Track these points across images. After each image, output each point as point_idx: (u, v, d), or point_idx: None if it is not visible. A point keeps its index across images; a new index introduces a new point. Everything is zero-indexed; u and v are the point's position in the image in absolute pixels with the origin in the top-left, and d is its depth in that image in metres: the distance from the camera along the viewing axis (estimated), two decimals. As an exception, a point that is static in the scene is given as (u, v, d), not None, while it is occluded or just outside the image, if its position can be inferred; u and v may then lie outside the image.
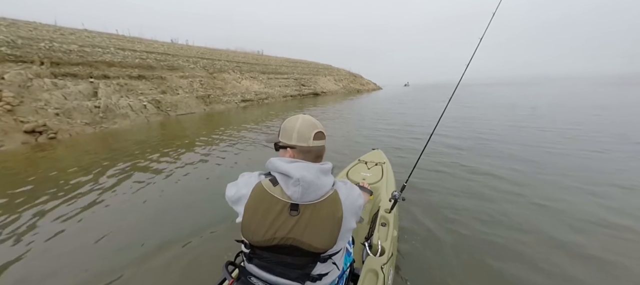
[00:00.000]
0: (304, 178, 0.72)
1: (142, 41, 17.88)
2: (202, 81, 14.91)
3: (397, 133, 6.56)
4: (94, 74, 10.22)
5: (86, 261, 2.07)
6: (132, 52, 14.02)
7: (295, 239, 0.73)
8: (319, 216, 0.73)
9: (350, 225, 0.80)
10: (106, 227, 2.52)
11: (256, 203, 0.75)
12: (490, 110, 10.24)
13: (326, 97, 24.23)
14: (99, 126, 7.60)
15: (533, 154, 4.43)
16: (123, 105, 9.04)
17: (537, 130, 6.17)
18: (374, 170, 2.59)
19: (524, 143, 5.09)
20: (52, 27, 13.20)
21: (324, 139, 0.85)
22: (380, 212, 1.73)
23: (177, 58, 16.31)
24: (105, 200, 3.11)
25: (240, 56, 25.33)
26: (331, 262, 0.81)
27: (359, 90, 37.31)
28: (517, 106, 11.28)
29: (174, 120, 9.90)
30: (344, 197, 0.78)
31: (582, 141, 5.05)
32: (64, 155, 5.24)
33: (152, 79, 12.37)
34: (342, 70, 44.05)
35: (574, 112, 8.78)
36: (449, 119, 7.74)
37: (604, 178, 3.33)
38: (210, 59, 19.32)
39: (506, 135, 5.78)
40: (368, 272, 1.24)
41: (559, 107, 10.64)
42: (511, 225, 2.41)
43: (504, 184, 3.26)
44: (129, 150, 5.31)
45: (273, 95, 19.34)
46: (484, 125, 6.98)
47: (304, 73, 30.35)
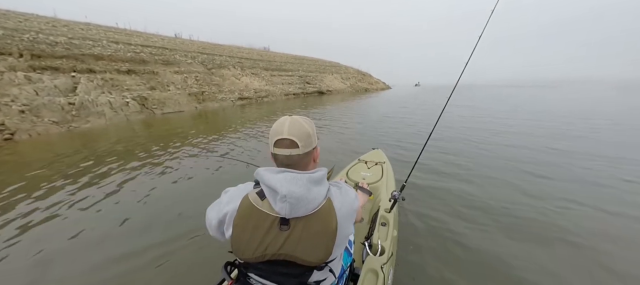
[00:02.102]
0: (292, 194, 0.66)
1: (141, 35, 17.43)
2: (197, 77, 14.22)
3: (402, 142, 5.55)
4: (78, 68, 9.64)
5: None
6: (126, 45, 13.48)
7: (287, 254, 0.69)
8: (312, 230, 0.69)
9: (347, 232, 0.76)
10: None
11: (244, 219, 0.70)
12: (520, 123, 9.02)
13: (331, 96, 23.18)
14: (67, 125, 6.94)
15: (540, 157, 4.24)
16: (102, 102, 8.39)
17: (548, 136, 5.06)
18: (374, 170, 2.56)
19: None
20: (45, 19, 12.81)
21: (296, 148, 0.72)
22: (380, 212, 1.73)
23: (175, 52, 15.71)
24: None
25: (244, 52, 24.64)
26: (328, 269, 0.78)
27: (367, 89, 36.03)
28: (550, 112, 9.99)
29: (159, 120, 9.19)
30: (339, 205, 0.74)
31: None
32: (10, 162, 4.53)
33: (143, 73, 11.75)
34: (351, 68, 42.80)
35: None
36: (476, 131, 6.61)
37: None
38: (211, 54, 18.67)
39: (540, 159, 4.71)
40: (368, 272, 1.24)
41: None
42: (512, 225, 2.42)
43: (507, 186, 3.21)
44: (84, 157, 4.55)
45: (274, 93, 18.50)
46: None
47: (309, 70, 29.39)
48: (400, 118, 9.36)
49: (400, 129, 7.16)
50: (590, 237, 2.23)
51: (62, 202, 2.93)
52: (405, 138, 6.02)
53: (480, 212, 2.61)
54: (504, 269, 1.88)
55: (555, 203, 2.78)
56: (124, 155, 4.65)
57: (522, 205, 2.77)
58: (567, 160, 4.22)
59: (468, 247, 2.10)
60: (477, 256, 2.01)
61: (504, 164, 4.07)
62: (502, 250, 2.07)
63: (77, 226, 2.46)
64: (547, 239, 2.20)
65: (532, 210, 2.66)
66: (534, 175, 3.57)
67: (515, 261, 1.94)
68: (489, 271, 1.87)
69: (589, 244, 2.15)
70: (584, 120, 8.00)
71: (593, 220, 2.50)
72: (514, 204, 2.78)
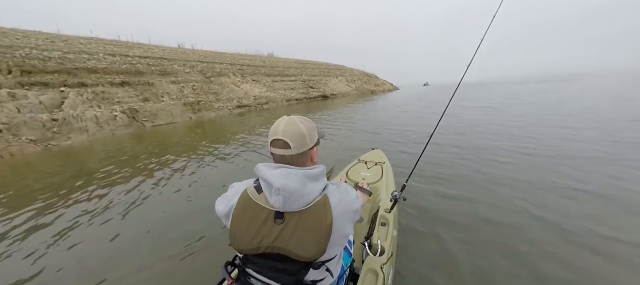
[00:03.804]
0: (285, 187, 0.69)
1: (142, 46, 17.43)
2: (195, 86, 13.93)
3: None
4: (69, 82, 9.46)
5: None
6: (124, 57, 13.37)
7: (281, 248, 0.70)
8: (306, 225, 0.70)
9: (345, 232, 0.76)
10: None
11: (242, 212, 0.74)
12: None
13: (335, 101, 22.49)
14: (46, 144, 6.61)
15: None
16: (89, 117, 8.09)
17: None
18: (374, 170, 2.56)
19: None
20: (45, 35, 12.90)
21: (288, 149, 0.74)
22: (380, 212, 1.73)
23: (174, 62, 15.53)
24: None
25: (247, 59, 24.41)
26: (325, 269, 0.77)
27: (373, 91, 35.14)
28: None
29: (149, 133, 8.82)
30: (336, 202, 0.74)
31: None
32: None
33: (138, 85, 11.52)
34: (356, 70, 42.02)
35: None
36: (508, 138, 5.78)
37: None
38: (211, 62, 18.45)
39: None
40: (368, 272, 1.24)
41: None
42: (513, 226, 2.36)
43: (506, 185, 3.11)
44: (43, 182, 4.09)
45: (275, 99, 18.04)
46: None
47: (313, 74, 28.88)
48: (402, 124, 8.56)
49: (404, 130, 6.39)
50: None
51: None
52: (408, 137, 5.52)
53: (482, 213, 2.55)
54: (505, 270, 1.82)
55: (575, 223, 2.32)
56: (90, 182, 4.15)
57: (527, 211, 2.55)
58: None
59: (469, 248, 2.07)
60: (478, 257, 1.97)
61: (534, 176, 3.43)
62: (504, 251, 2.01)
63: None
64: (551, 241, 2.07)
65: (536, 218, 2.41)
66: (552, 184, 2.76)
67: (519, 264, 1.87)
68: (490, 271, 1.83)
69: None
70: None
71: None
72: (522, 210, 2.58)
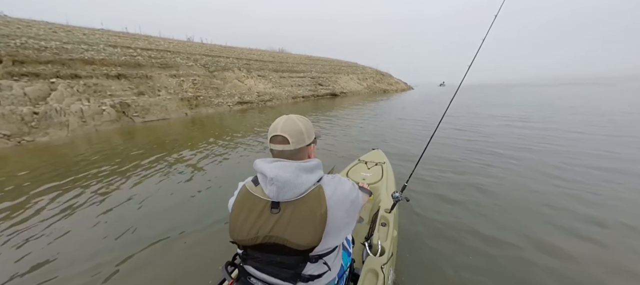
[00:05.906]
0: (278, 177, 0.71)
1: (147, 38, 17.18)
2: (195, 80, 13.44)
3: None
4: (61, 73, 9.13)
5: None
6: (125, 49, 13.05)
7: (277, 237, 0.72)
8: (300, 213, 0.72)
9: (341, 221, 0.77)
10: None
11: (240, 204, 0.76)
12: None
13: (345, 99, 21.51)
14: (19, 139, 6.19)
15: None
16: (73, 110, 7.67)
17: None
18: (374, 170, 2.55)
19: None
20: (48, 25, 12.77)
21: (288, 144, 0.77)
22: (380, 212, 1.73)
23: (176, 55, 15.13)
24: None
25: (255, 53, 23.82)
26: (322, 262, 0.79)
27: (385, 90, 33.74)
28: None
29: (138, 128, 8.33)
30: (331, 191, 0.76)
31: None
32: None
33: (134, 78, 11.12)
34: (368, 68, 40.62)
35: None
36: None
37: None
38: (216, 56, 17.96)
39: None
40: (368, 272, 1.24)
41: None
42: (513, 225, 2.38)
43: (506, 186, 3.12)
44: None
45: (280, 96, 17.32)
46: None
47: (323, 71, 27.94)
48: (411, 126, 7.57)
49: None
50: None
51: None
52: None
53: (482, 213, 2.53)
54: (505, 270, 1.84)
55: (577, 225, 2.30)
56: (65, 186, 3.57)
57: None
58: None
59: (469, 248, 2.05)
60: (478, 257, 1.95)
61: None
62: (504, 251, 2.00)
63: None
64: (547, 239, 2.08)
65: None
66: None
67: (519, 264, 1.88)
68: (490, 271, 1.82)
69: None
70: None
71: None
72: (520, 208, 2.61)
